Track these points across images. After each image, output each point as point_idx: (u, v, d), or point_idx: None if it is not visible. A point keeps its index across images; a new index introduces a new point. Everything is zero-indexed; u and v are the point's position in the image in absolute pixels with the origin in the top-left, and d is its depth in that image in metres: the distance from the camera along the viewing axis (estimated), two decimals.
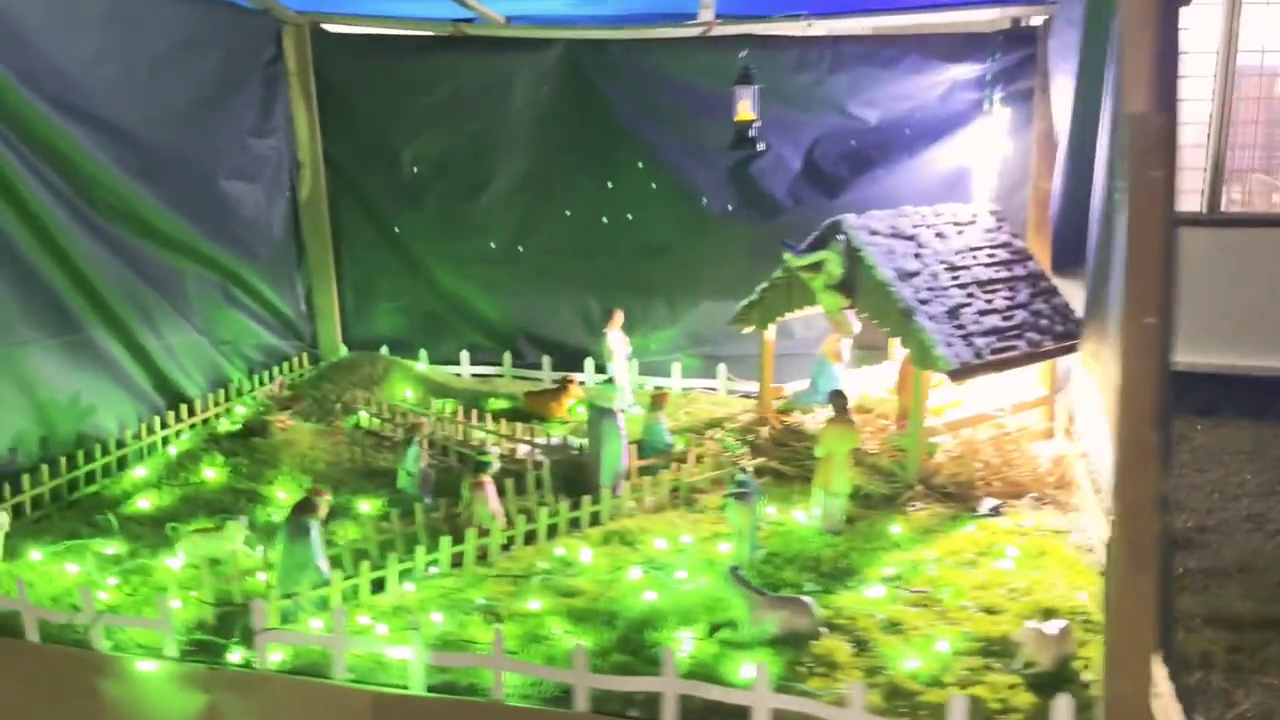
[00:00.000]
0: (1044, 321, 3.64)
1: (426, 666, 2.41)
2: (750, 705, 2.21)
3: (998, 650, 2.47)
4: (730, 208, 4.48)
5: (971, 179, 4.24)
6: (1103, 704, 2.06)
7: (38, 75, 3.41)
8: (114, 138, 3.74)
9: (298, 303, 4.87)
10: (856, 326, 3.67)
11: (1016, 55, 4.10)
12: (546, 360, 4.80)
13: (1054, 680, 2.32)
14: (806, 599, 2.58)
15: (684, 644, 2.55)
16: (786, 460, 3.64)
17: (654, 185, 4.53)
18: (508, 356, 4.87)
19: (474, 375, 4.87)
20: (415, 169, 4.75)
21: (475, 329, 4.93)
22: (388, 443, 3.94)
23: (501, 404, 4.38)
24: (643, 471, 3.46)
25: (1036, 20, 4.09)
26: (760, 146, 4.02)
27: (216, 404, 4.17)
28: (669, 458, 3.61)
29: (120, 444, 3.69)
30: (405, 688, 2.43)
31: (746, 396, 4.53)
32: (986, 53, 4.13)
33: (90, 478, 3.55)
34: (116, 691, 2.62)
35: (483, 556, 3.00)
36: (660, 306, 4.66)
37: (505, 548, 3.05)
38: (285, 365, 4.70)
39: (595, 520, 3.24)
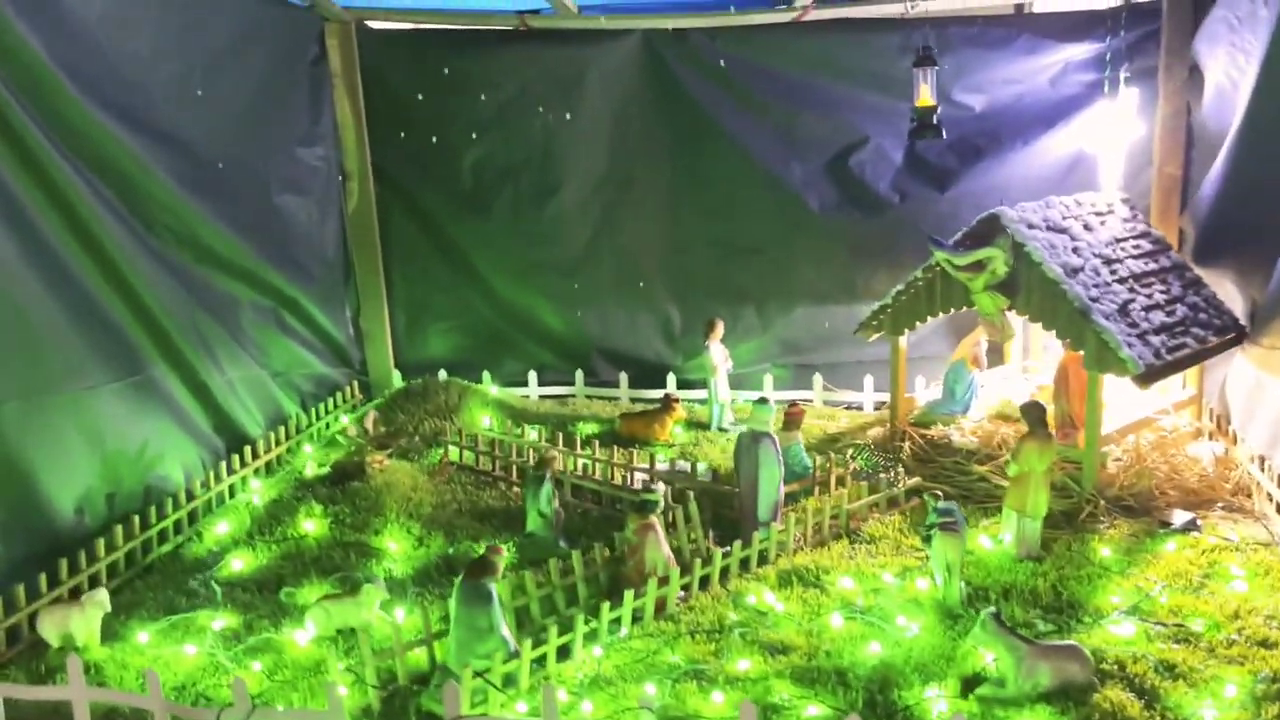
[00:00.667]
0: (1202, 315, 3.42)
1: None
2: None
3: None
4: (829, 204, 4.18)
5: (1093, 165, 3.98)
6: None
7: (96, 78, 3.00)
8: (172, 149, 3.35)
9: (347, 327, 4.47)
10: (1017, 331, 3.39)
11: (1137, 32, 3.87)
12: (624, 377, 4.46)
13: None
14: (1076, 644, 2.28)
15: (936, 704, 2.23)
16: (937, 478, 3.34)
17: (743, 183, 4.23)
18: (580, 375, 4.51)
19: (544, 397, 4.51)
20: (475, 176, 4.39)
21: (543, 346, 4.59)
22: (486, 478, 3.57)
23: (592, 428, 4.03)
24: (786, 499, 3.14)
25: None
26: (944, 134, 3.71)
27: (278, 443, 3.77)
28: (809, 481, 3.30)
29: (190, 495, 3.28)
30: None
31: (848, 408, 4.25)
32: (1104, 30, 3.89)
33: (162, 535, 3.13)
34: None
35: (659, 608, 2.66)
36: (749, 313, 4.37)
37: (682, 597, 2.71)
38: (337, 395, 4.31)
39: (763, 559, 2.91)
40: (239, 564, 3.02)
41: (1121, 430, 3.41)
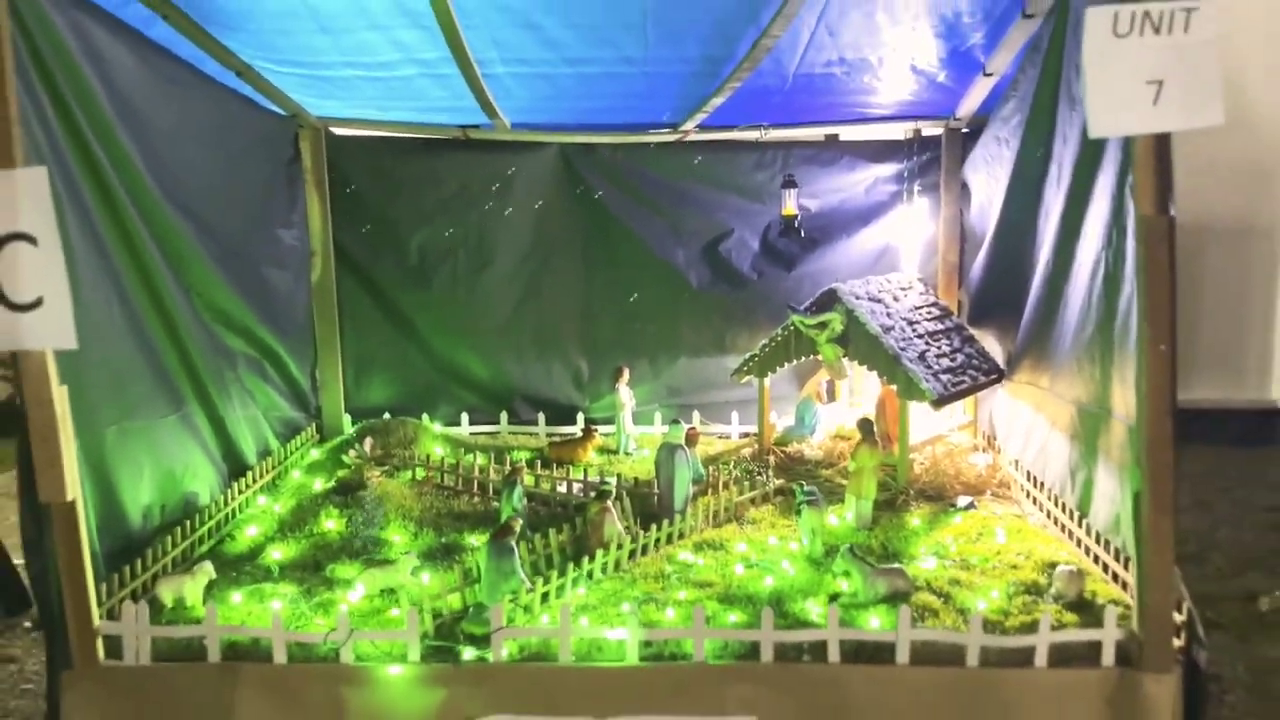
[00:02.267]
0: (975, 361, 4.76)
1: (641, 642, 3.13)
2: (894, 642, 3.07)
3: (1033, 590, 3.46)
4: (704, 281, 5.41)
5: (897, 254, 5.37)
6: (1137, 611, 3.07)
7: (163, 176, 3.87)
8: (203, 231, 4.19)
9: (309, 377, 5.34)
10: (850, 372, 4.67)
11: (924, 157, 5.29)
12: (541, 417, 5.51)
13: (1079, 606, 3.34)
14: (901, 567, 3.50)
15: (814, 609, 3.39)
16: (799, 478, 4.55)
17: (639, 263, 5.40)
18: (504, 415, 5.53)
19: (475, 433, 5.50)
20: (420, 254, 5.38)
21: (472, 392, 5.58)
22: (447, 491, 4.54)
23: (525, 454, 5.05)
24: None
25: (935, 131, 5.27)
26: (805, 235, 5.01)
27: (271, 469, 4.63)
28: (704, 485, 4.45)
29: (217, 507, 4.10)
30: (622, 662, 3.13)
31: (721, 437, 5.44)
32: (903, 155, 5.31)
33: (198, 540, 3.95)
34: (362, 697, 3.14)
35: (615, 566, 3.72)
36: (644, 364, 5.48)
37: (630, 558, 3.79)
38: (301, 435, 5.17)
39: (681, 536, 4.02)
40: (278, 554, 3.89)
41: (923, 443, 4.73)
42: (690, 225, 5.37)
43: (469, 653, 3.17)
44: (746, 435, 5.32)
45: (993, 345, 4.91)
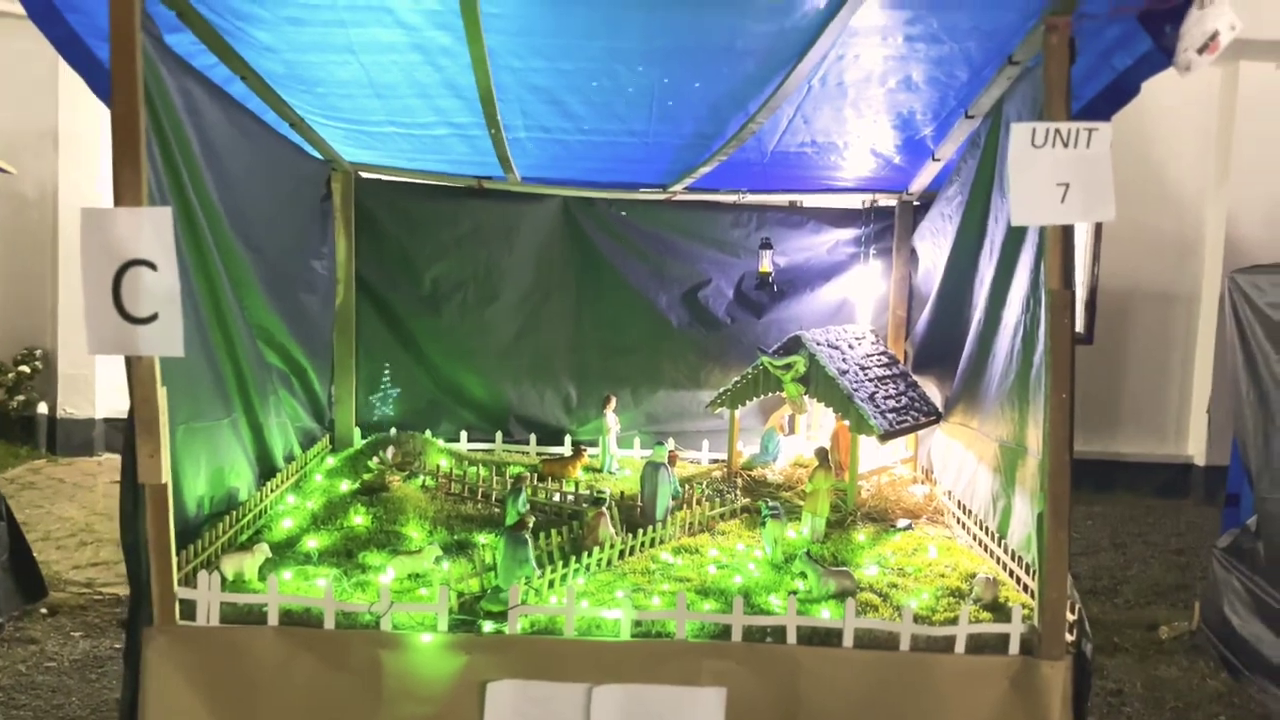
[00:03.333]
0: (917, 404, 5.49)
1: (633, 621, 3.78)
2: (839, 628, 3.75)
3: (956, 594, 4.17)
4: (683, 322, 6.12)
5: (853, 307, 6.12)
6: (1038, 607, 3.78)
7: (232, 211, 4.46)
8: (256, 257, 4.78)
9: (328, 393, 5.94)
10: (809, 408, 5.38)
11: (880, 225, 6.05)
12: (533, 437, 6.16)
13: (994, 608, 4.04)
14: (848, 570, 4.18)
15: (775, 602, 4.06)
16: (762, 497, 5.24)
17: (626, 305, 6.09)
18: (499, 435, 6.17)
19: (473, 449, 6.13)
20: (434, 286, 6.03)
21: (472, 412, 6.21)
22: (455, 497, 5.16)
23: (520, 468, 5.68)
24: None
25: (890, 202, 6.04)
26: (776, 289, 5.75)
27: (295, 472, 5.22)
28: (680, 500, 5.11)
29: (255, 502, 4.69)
30: (616, 637, 3.77)
31: (693, 461, 6.11)
32: (861, 222, 6.07)
33: (241, 529, 4.52)
34: (397, 659, 3.75)
35: (608, 564, 4.37)
36: (626, 394, 6.15)
37: (620, 557, 4.44)
38: (318, 444, 5.76)
39: (661, 541, 4.68)
40: (314, 543, 4.49)
41: (870, 472, 5.45)
42: (673, 273, 6.08)
43: (488, 626, 3.80)
44: (715, 461, 6.00)
45: (932, 390, 5.64)
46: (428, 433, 6.06)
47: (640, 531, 4.58)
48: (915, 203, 5.89)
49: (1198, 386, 11.39)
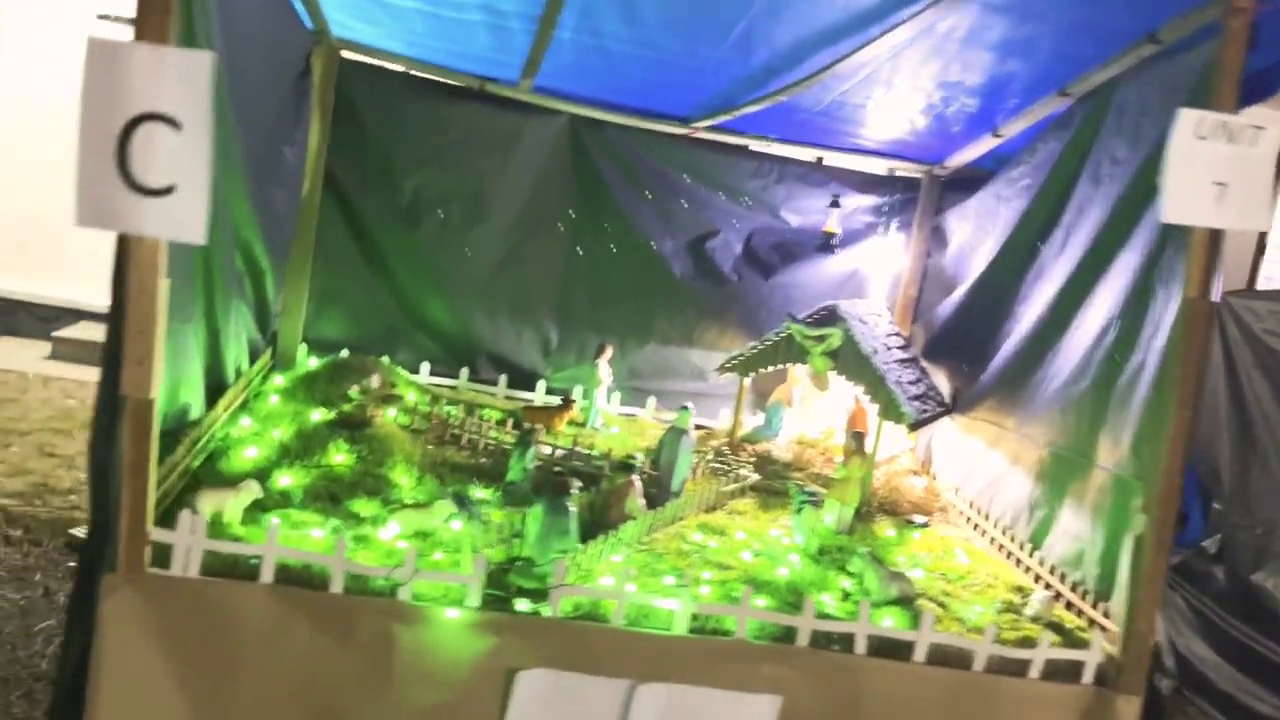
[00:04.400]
0: (931, 393, 5.17)
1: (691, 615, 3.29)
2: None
3: (1011, 609, 3.85)
4: (686, 274, 5.58)
5: (864, 281, 5.73)
6: (1122, 637, 3.48)
7: (233, 72, 3.68)
8: (244, 137, 4.00)
9: (277, 302, 5.14)
10: (831, 385, 4.96)
11: (902, 197, 5.67)
12: (504, 379, 5.53)
13: (1052, 627, 3.74)
14: (904, 573, 3.80)
15: (828, 603, 3.64)
16: (772, 478, 4.81)
17: (625, 245, 5.50)
18: (465, 371, 5.51)
19: (432, 383, 5.44)
20: (413, 196, 5.28)
21: (437, 343, 5.51)
22: (447, 442, 4.52)
23: (495, 413, 5.07)
24: None
25: (915, 174, 5.66)
26: (837, 250, 5.26)
27: (242, 391, 4.46)
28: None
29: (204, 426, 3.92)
30: (667, 630, 3.28)
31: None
32: (884, 190, 5.67)
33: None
34: (414, 636, 3.15)
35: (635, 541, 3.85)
36: (611, 343, 5.58)
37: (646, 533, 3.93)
38: (261, 359, 4.98)
39: (680, 518, 4.19)
40: (286, 480, 3.78)
41: (879, 462, 5.11)
42: (680, 219, 5.53)
43: (522, 604, 3.24)
44: (701, 428, 5.52)
45: (940, 380, 5.33)
46: (384, 359, 5.35)
47: (661, 506, 4.08)
48: (946, 177, 5.52)
49: None
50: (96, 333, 9.21)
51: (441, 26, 4.46)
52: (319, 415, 4.33)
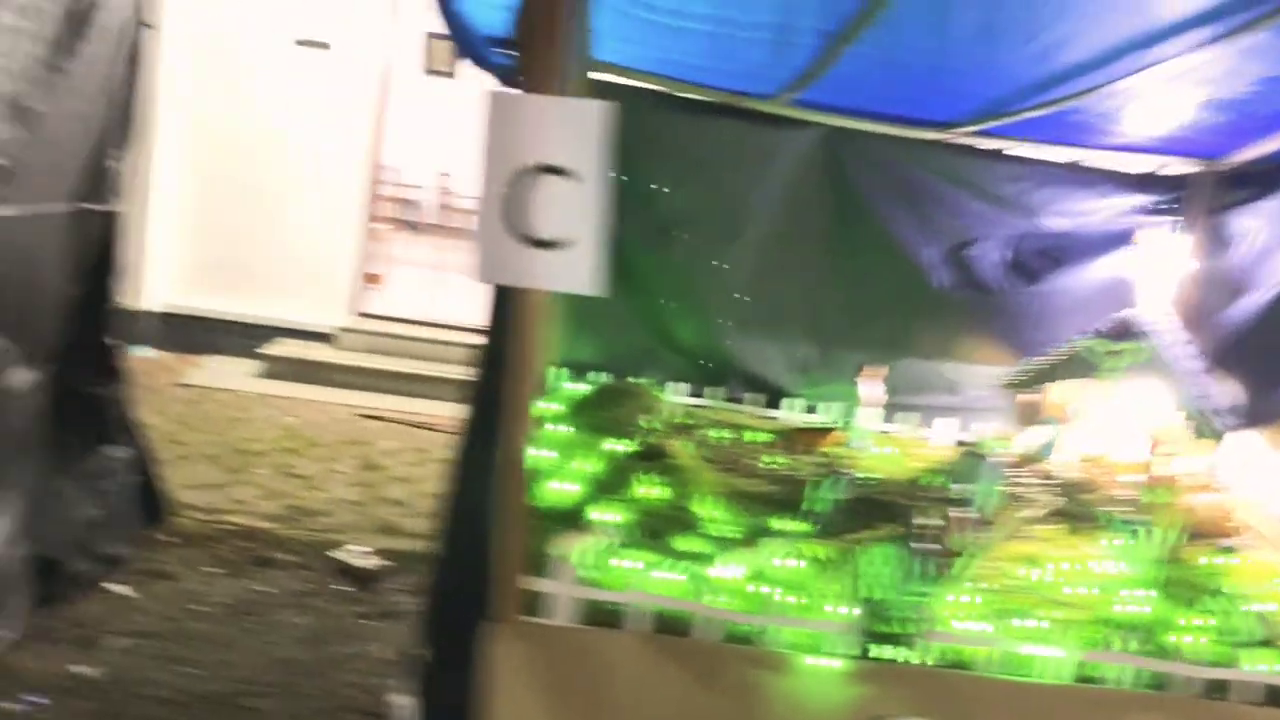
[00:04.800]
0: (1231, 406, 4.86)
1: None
2: None
3: None
4: (947, 284, 5.38)
5: (1130, 286, 5.43)
6: None
7: None
8: None
9: None
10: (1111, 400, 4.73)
11: (1174, 195, 5.35)
12: (760, 398, 5.42)
13: None
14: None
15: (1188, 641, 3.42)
16: (1070, 500, 4.59)
17: (882, 257, 5.34)
18: (719, 392, 5.42)
19: (687, 404, 5.37)
20: (664, 214, 5.21)
21: (685, 362, 5.43)
22: (756, 477, 4.41)
23: (762, 436, 4.96)
24: None
25: (1189, 169, 5.32)
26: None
27: None
28: None
29: None
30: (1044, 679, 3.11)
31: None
32: (1151, 189, 5.36)
33: None
34: (778, 685, 3.06)
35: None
36: (869, 359, 5.41)
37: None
38: None
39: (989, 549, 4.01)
40: (607, 515, 3.74)
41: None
42: (939, 226, 5.33)
43: (883, 650, 3.12)
44: (961, 444, 5.31)
45: (1229, 390, 5.01)
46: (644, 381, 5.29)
47: (975, 540, 3.90)
48: (1228, 173, 5.19)
49: None
50: (301, 350, 9.53)
51: (715, 45, 4.36)
52: (618, 446, 4.29)
